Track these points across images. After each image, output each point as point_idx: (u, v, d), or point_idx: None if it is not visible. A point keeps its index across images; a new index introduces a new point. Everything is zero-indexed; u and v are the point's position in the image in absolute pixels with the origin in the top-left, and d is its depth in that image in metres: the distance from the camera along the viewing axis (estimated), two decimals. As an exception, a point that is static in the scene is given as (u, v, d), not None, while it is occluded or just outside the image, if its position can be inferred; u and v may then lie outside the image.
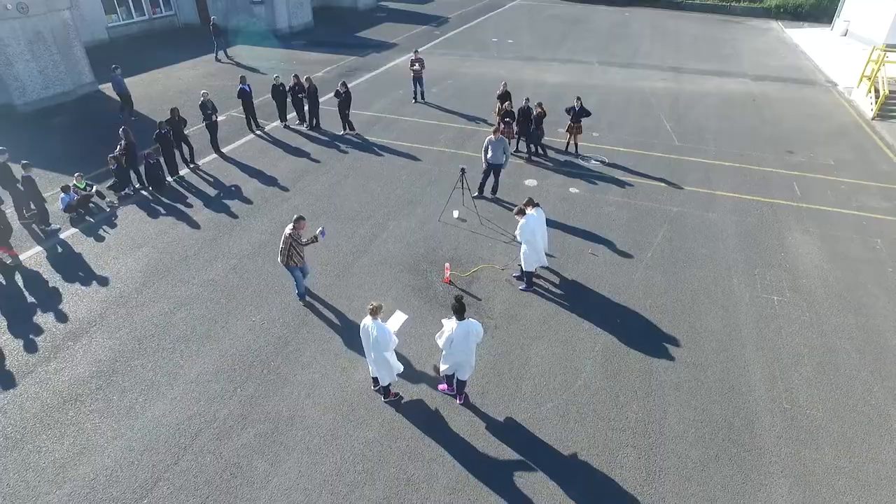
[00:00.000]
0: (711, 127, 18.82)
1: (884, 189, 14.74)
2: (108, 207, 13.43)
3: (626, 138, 17.68)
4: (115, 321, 9.79)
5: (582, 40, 31.12)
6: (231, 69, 24.05)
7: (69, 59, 19.95)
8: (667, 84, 23.37)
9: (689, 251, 11.92)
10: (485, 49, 28.63)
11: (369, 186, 14.41)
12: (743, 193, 14.40)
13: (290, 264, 9.61)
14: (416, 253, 11.73)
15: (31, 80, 18.80)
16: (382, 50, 27.70)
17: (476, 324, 7.39)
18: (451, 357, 7.49)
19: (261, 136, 17.57)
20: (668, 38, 32.23)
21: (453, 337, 7.31)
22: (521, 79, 23.60)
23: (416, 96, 20.53)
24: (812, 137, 18.13)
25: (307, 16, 32.20)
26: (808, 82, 24.09)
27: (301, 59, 25.95)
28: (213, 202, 13.66)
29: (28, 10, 18.19)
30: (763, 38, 32.59)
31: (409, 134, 17.71)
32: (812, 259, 11.74)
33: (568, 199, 13.97)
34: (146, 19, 30.34)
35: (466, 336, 7.28)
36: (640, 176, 15.24)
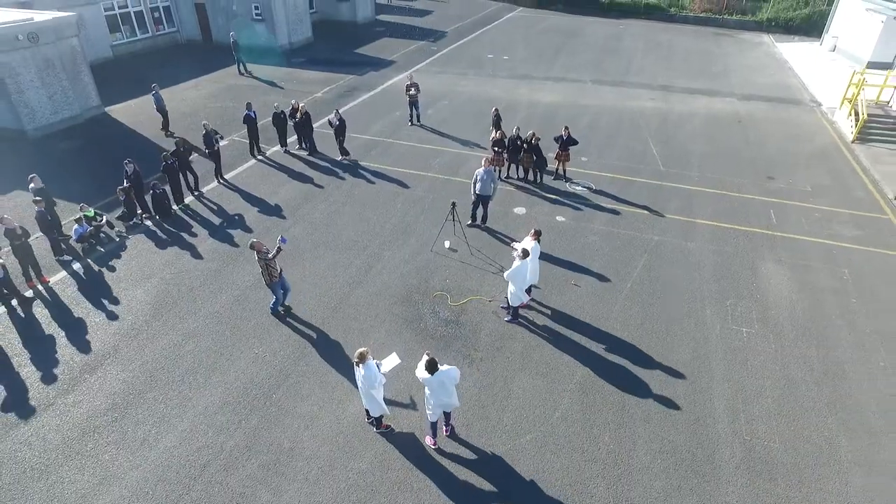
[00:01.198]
0: (697, 150, 19.54)
1: (856, 217, 15.46)
2: (118, 237, 14.16)
3: (614, 163, 18.40)
4: (128, 354, 10.53)
5: (576, 55, 31.82)
6: (232, 89, 24.77)
7: (77, 83, 20.67)
8: (656, 104, 24.08)
9: (667, 282, 12.65)
10: (480, 66, 29.33)
11: (366, 215, 15.14)
12: (721, 221, 15.12)
13: (273, 282, 10.74)
14: (409, 284, 12.46)
15: (40, 106, 19.53)
16: (380, 68, 28.41)
17: (451, 371, 8.07)
18: (433, 399, 8.19)
19: (263, 161, 18.30)
20: (661, 52, 32.92)
21: (429, 386, 7.99)
22: (515, 99, 24.32)
23: (412, 119, 21.25)
24: (793, 161, 18.85)
25: (307, 31, 32.91)
26: (794, 102, 24.80)
27: (301, 77, 26.67)
28: (217, 231, 14.40)
29: (38, 40, 18.93)
30: (753, 54, 33.28)
31: (405, 159, 18.43)
32: (782, 289, 12.47)
33: (554, 228, 14.69)
34: (149, 36, 31.06)
35: (442, 384, 7.98)
36: (625, 203, 15.96)
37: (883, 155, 19.46)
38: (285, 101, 22.43)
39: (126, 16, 29.67)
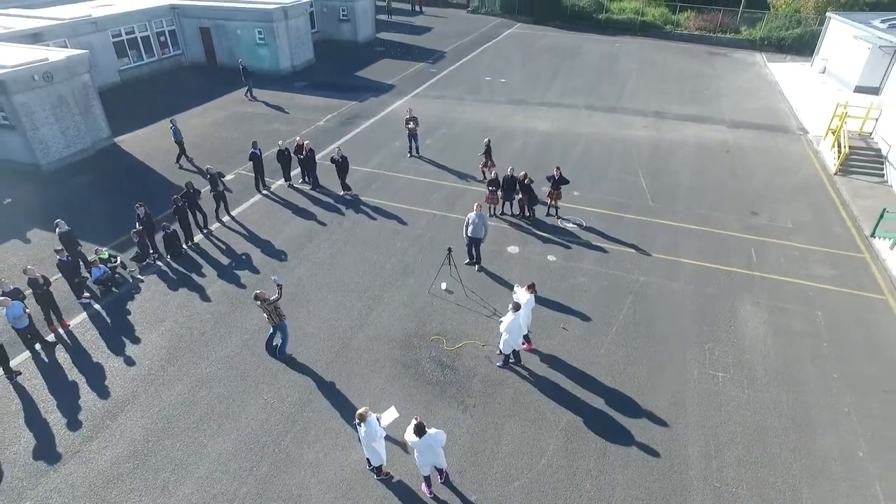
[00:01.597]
0: (684, 183, 20.33)
1: (832, 256, 16.26)
2: (132, 278, 14.97)
3: (605, 197, 19.21)
4: (146, 399, 11.35)
5: (572, 78, 32.60)
6: (237, 117, 25.58)
7: (88, 117, 21.49)
8: (648, 133, 24.87)
9: (650, 325, 13.46)
10: (478, 91, 30.13)
11: (366, 255, 15.95)
12: (704, 260, 15.92)
13: (279, 322, 11.71)
14: (408, 328, 13.27)
15: (54, 141, 20.34)
16: (380, 93, 29.20)
17: (437, 435, 8.85)
18: (421, 458, 8.97)
19: (268, 196, 19.10)
20: (655, 73, 33.69)
21: (417, 448, 8.78)
22: (511, 127, 25.14)
23: (411, 151, 22.05)
24: (776, 195, 19.64)
25: (309, 54, 33.71)
26: (782, 130, 25.58)
27: (303, 104, 27.47)
28: (225, 272, 15.21)
29: (53, 79, 19.73)
30: (745, 75, 34.05)
31: (404, 194, 19.24)
32: (757, 333, 13.28)
33: (545, 269, 15.50)
34: (156, 60, 31.87)
35: (429, 446, 8.77)
36: (613, 241, 16.77)
37: (863, 188, 20.25)
38: (288, 131, 23.42)
39: (133, 41, 30.46)
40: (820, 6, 40.39)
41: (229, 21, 31.32)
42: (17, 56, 19.86)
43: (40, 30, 25.75)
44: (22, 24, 26.18)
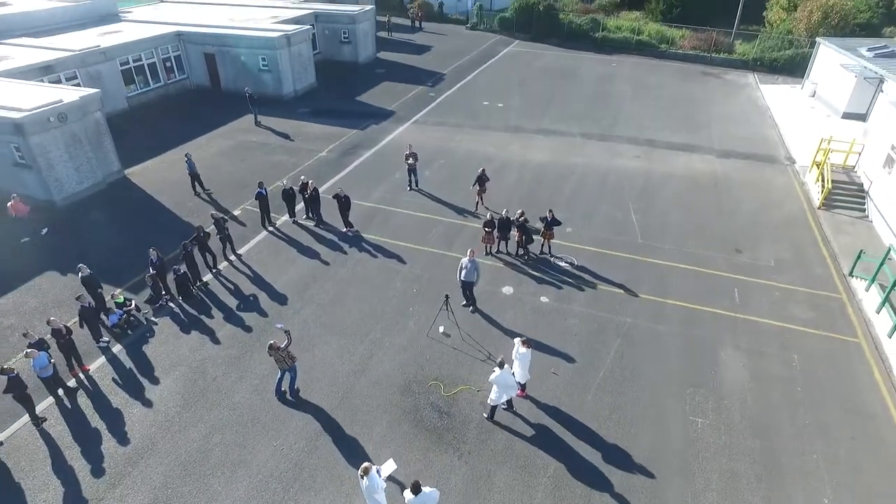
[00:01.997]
0: (674, 219, 21.17)
1: (812, 297, 17.11)
2: (146, 321, 15.82)
3: (596, 234, 20.05)
4: (164, 447, 12.21)
5: (568, 103, 33.43)
6: (243, 147, 26.41)
7: (100, 152, 22.32)
8: (640, 163, 25.71)
9: (636, 370, 14.32)
10: (476, 116, 30.96)
11: (368, 296, 16.80)
12: (690, 301, 16.78)
13: (290, 366, 12.77)
14: (408, 373, 14.13)
15: (67, 178, 21.18)
16: (381, 120, 30.04)
17: (432, 493, 9.68)
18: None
19: (273, 233, 19.95)
20: (649, 98, 34.52)
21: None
22: (507, 157, 25.98)
23: (410, 184, 22.89)
24: (761, 231, 20.48)
25: (311, 78, 34.53)
26: (769, 160, 26.42)
27: (306, 132, 28.30)
28: (234, 315, 16.07)
29: (67, 119, 20.57)
30: (737, 99, 34.88)
31: (404, 230, 20.09)
32: (737, 377, 14.14)
33: (538, 310, 16.36)
34: (162, 85, 32.70)
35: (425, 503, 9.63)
36: (603, 281, 17.62)
37: (845, 224, 21.10)
38: (292, 162, 24.33)
39: (140, 68, 31.29)
40: (812, 27, 41.27)
41: (233, 48, 32.12)
42: (32, 97, 20.67)
43: (52, 62, 26.57)
44: (33, 56, 27.01)
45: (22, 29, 32.01)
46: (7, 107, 19.83)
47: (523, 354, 12.66)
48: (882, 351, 15.05)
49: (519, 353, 12.74)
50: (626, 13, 67.89)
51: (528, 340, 12.85)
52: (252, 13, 38.00)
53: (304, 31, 32.82)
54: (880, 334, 15.51)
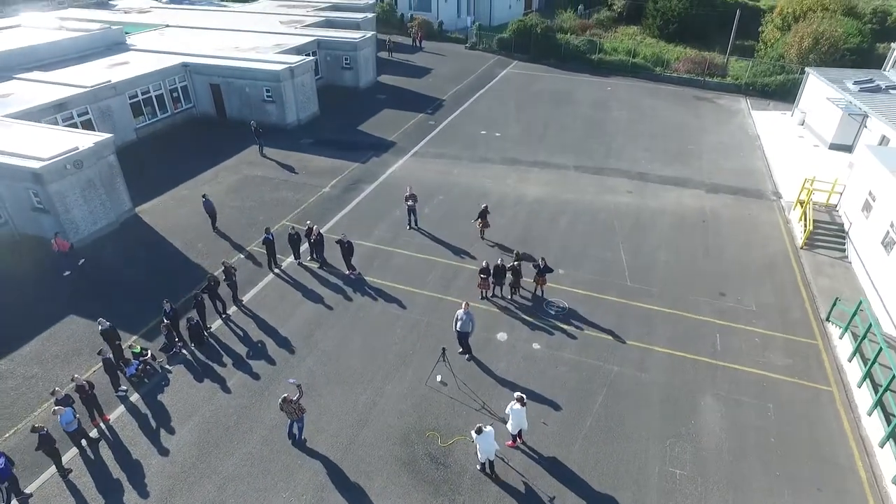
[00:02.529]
0: (661, 260, 22.16)
1: (789, 343, 18.12)
2: (161, 369, 16.85)
3: (587, 276, 21.05)
4: (181, 499, 13.22)
5: (563, 131, 34.41)
6: (249, 182, 27.40)
7: (113, 194, 23.33)
8: (631, 199, 26.70)
9: (620, 419, 15.32)
10: (474, 147, 31.96)
11: (370, 343, 17.82)
12: (674, 348, 17.78)
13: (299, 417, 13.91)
14: (407, 423, 15.15)
15: (83, 220, 22.18)
16: (381, 151, 31.04)
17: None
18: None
19: (280, 276, 20.95)
20: (643, 126, 35.48)
21: None
22: (503, 192, 26.98)
23: (410, 223, 23.89)
24: (745, 273, 21.46)
25: (314, 107, 35.52)
26: (757, 195, 27.40)
27: (309, 165, 29.29)
28: (243, 362, 17.09)
29: (82, 166, 21.58)
30: (728, 128, 35.85)
31: (404, 273, 21.09)
32: (715, 427, 15.14)
33: (530, 358, 17.37)
34: (168, 115, 33.68)
35: None
36: (592, 327, 18.63)
37: (825, 265, 22.09)
38: (296, 199, 25.31)
39: (148, 99, 32.29)
40: (803, 52, 42.25)
41: (238, 79, 33.11)
42: (50, 144, 21.67)
43: (65, 100, 27.57)
44: (46, 92, 28.01)
45: (33, 61, 33.03)
46: (27, 155, 20.83)
47: (516, 411, 13.66)
48: (852, 399, 16.05)
49: (512, 409, 13.75)
50: (623, 28, 69.10)
51: (522, 398, 13.83)
52: (257, 40, 38.99)
53: (307, 63, 33.80)
54: (851, 382, 16.52)
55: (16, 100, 27.55)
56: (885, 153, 22.33)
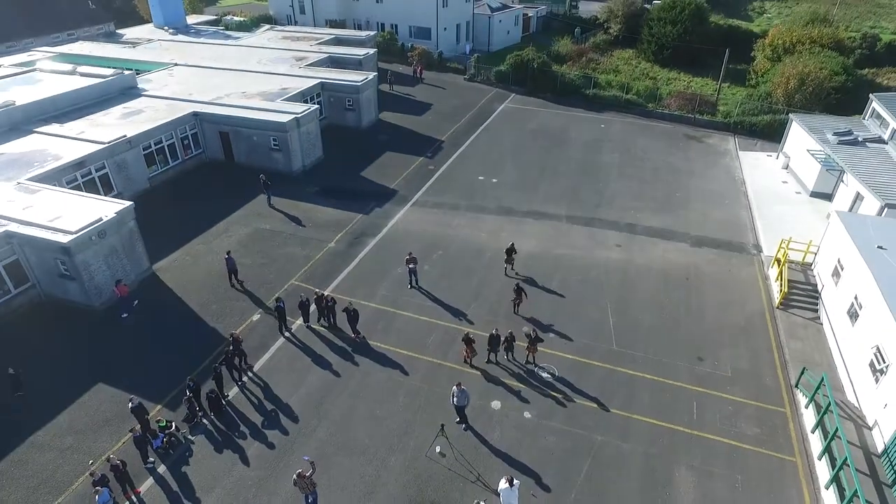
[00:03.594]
0: (646, 322, 23.76)
1: (759, 411, 19.74)
2: (184, 439, 18.48)
3: (577, 340, 22.65)
4: (208, 572, 14.86)
5: (557, 177, 35.97)
6: (259, 237, 28.96)
7: (132, 256, 24.92)
8: (620, 254, 28.29)
9: (602, 490, 16.95)
10: (471, 194, 33.54)
11: (375, 412, 19.44)
12: (653, 417, 19.40)
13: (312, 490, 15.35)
14: (409, 494, 16.78)
15: (105, 284, 23.76)
16: (384, 201, 32.61)
17: None
18: None
19: (290, 340, 22.56)
20: (634, 171, 37.02)
21: None
22: (499, 246, 28.34)
23: (411, 282, 25.49)
24: (722, 336, 23.05)
25: (318, 152, 37.11)
26: (739, 248, 28.99)
27: (315, 217, 30.87)
28: (259, 433, 18.71)
29: (106, 235, 23.18)
30: (715, 171, 37.41)
31: (405, 336, 22.70)
32: (687, 499, 16.75)
33: (522, 427, 19.00)
34: (180, 162, 35.26)
35: None
36: (579, 394, 20.25)
37: (798, 327, 23.70)
38: (304, 255, 26.85)
39: (160, 149, 33.86)
40: (790, 92, 43.83)
41: (246, 128, 34.69)
42: (75, 214, 23.22)
43: (84, 158, 29.17)
44: (66, 149, 29.59)
45: (52, 110, 34.61)
46: (55, 228, 22.41)
47: (505, 490, 15.27)
48: (813, 471, 17.69)
49: (500, 489, 15.37)
50: (619, 52, 70.68)
51: (511, 479, 15.44)
52: (263, 83, 40.51)
53: (311, 112, 35.37)
54: (814, 452, 18.15)
55: (38, 157, 29.13)
56: (855, 222, 23.90)
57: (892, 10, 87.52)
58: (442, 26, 61.43)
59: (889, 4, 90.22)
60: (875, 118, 34.77)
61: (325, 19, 66.37)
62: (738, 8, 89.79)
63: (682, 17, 64.21)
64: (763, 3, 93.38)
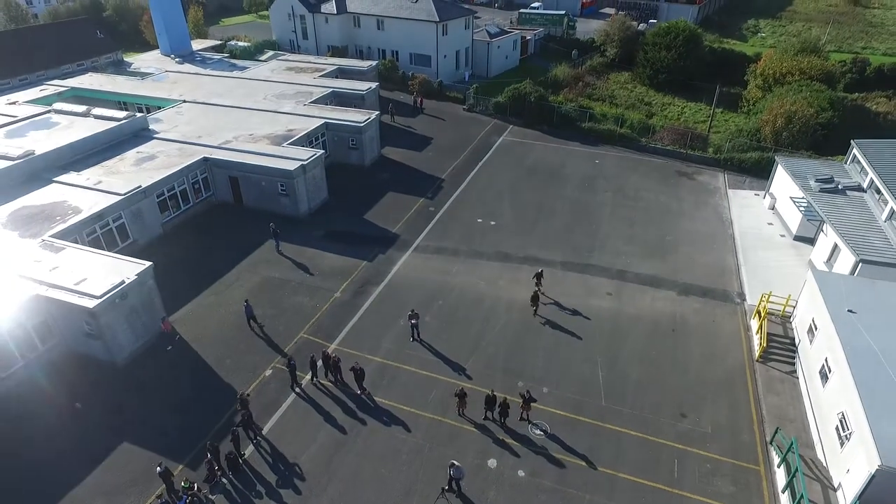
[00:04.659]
0: (633, 377, 25.37)
1: (735, 469, 21.38)
2: (205, 499, 20.14)
3: (567, 395, 24.28)
4: None
5: (552, 218, 37.55)
6: (269, 286, 30.55)
7: (150, 311, 26.54)
8: (611, 303, 29.89)
9: (588, 551, 18.61)
10: (470, 239, 35.12)
11: (380, 472, 21.07)
12: (637, 475, 21.03)
13: None
14: (412, 557, 18.44)
15: (126, 341, 25.40)
16: (387, 247, 34.21)
17: None
18: None
19: (300, 396, 24.20)
20: (626, 210, 38.62)
21: None
22: (497, 295, 30.19)
23: (413, 336, 27.13)
24: (705, 389, 24.65)
25: (323, 194, 38.73)
26: (723, 297, 30.58)
27: (322, 265, 32.46)
28: (274, 492, 20.36)
29: (128, 296, 24.82)
30: (704, 211, 38.98)
31: (408, 391, 24.33)
32: (665, 559, 18.42)
33: (516, 486, 20.65)
34: (191, 205, 36.85)
35: None
36: (569, 452, 21.89)
37: (775, 382, 25.33)
38: (312, 305, 28.36)
39: (173, 195, 35.46)
40: (777, 130, 45.45)
41: (255, 175, 36.30)
42: (98, 277, 24.82)
43: (102, 210, 30.78)
44: (83, 200, 31.21)
45: (69, 156, 36.25)
46: (81, 291, 24.03)
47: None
48: (782, 530, 19.34)
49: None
50: (615, 75, 72.32)
51: None
52: (270, 124, 42.08)
53: (317, 158, 36.98)
54: (784, 512, 19.80)
55: (58, 210, 30.77)
56: (829, 281, 25.53)
57: (884, 29, 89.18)
58: (442, 54, 63.02)
59: (881, 24, 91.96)
60: (856, 163, 36.33)
61: (327, 45, 67.87)
62: (732, 28, 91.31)
63: (676, 43, 65.92)
64: (758, 21, 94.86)
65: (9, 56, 52.23)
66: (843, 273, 27.87)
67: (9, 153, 34.41)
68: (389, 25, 64.07)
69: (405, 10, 62.97)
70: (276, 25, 71.64)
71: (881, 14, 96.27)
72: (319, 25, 67.41)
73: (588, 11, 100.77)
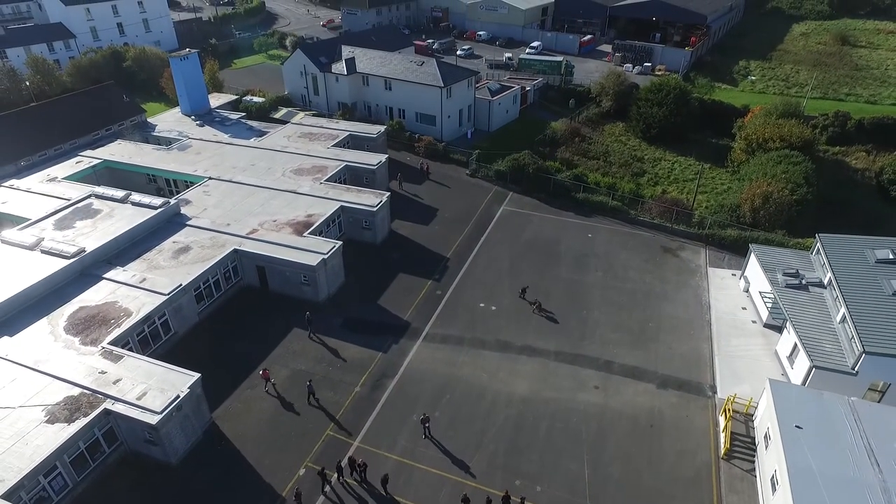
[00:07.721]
0: (615, 475, 29.59)
1: (696, 569, 25.68)
2: None
3: (557, 494, 28.56)
4: None
5: (548, 302, 41.65)
6: (296, 379, 34.64)
7: (198, 414, 30.80)
8: (598, 397, 34.09)
9: None
10: (473, 327, 39.31)
11: (400, 572, 25.40)
12: (614, 575, 25.33)
13: None
14: None
15: (179, 443, 29.64)
16: (399, 336, 38.44)
17: None
18: None
19: (329, 498, 28.48)
20: (613, 293, 42.74)
21: None
22: (497, 389, 34.38)
23: (425, 433, 31.40)
24: (675, 488, 28.83)
25: (341, 278, 42.95)
26: (696, 390, 34.75)
27: (343, 356, 36.65)
28: (314, 591, 24.67)
29: (182, 408, 29.08)
30: (685, 293, 43.10)
31: (422, 492, 28.56)
32: None
33: (513, 586, 24.95)
34: (222, 293, 41.08)
35: None
36: (558, 552, 26.19)
37: (737, 481, 29.56)
38: (335, 400, 32.58)
39: (207, 287, 39.69)
40: (755, 209, 49.59)
41: (280, 266, 40.54)
42: (157, 388, 29.04)
43: (150, 313, 35.00)
44: (131, 300, 35.40)
45: (113, 249, 40.40)
46: (143, 407, 28.25)
47: None
48: None
49: None
50: (610, 126, 76.56)
51: None
52: (291, 208, 46.21)
53: (336, 250, 41.18)
54: None
55: (112, 312, 34.93)
56: (783, 393, 29.68)
57: (868, 73, 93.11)
58: (446, 114, 67.08)
59: (866, 66, 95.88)
60: (820, 255, 40.41)
61: (337, 101, 71.96)
62: (724, 71, 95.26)
63: (667, 100, 70.22)
64: (749, 62, 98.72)
65: (46, 126, 56.34)
66: (798, 379, 32.03)
67: (63, 250, 38.55)
68: (397, 86, 68.11)
69: (412, 74, 67.00)
70: (288, 81, 75.61)
71: (867, 55, 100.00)
72: (330, 83, 71.46)
73: (586, 50, 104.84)
